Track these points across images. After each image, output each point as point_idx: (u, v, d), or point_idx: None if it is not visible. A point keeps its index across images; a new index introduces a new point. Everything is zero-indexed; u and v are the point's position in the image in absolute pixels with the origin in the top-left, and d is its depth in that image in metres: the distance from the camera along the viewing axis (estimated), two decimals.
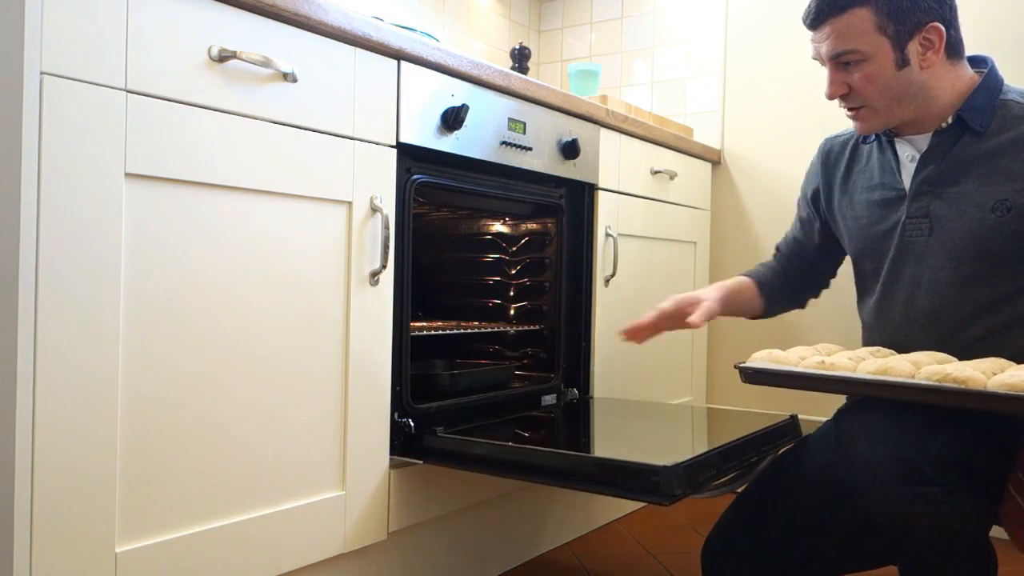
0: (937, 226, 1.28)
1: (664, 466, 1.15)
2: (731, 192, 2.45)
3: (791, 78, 2.31)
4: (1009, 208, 1.21)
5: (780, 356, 1.27)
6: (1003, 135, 1.25)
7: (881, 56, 1.24)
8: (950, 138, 1.29)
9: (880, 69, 1.25)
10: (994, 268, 1.23)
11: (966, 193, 1.26)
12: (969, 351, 1.21)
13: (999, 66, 1.34)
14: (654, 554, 1.84)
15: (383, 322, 1.35)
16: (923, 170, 1.31)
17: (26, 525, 0.93)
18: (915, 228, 1.30)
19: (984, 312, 1.24)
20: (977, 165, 1.26)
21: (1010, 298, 1.23)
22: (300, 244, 1.22)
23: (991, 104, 1.27)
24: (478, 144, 1.53)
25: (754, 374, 1.26)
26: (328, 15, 1.22)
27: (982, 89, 1.28)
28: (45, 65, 0.92)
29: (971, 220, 1.24)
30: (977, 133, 1.26)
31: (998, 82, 1.30)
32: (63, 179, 0.94)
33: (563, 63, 2.83)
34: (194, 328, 1.09)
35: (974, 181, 1.25)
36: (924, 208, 1.30)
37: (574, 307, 1.88)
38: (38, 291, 0.93)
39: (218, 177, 1.10)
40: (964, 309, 1.25)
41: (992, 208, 1.23)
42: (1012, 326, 1.23)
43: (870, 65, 1.25)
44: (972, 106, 1.27)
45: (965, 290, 1.25)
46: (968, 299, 1.25)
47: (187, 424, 1.09)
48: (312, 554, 1.25)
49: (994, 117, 1.26)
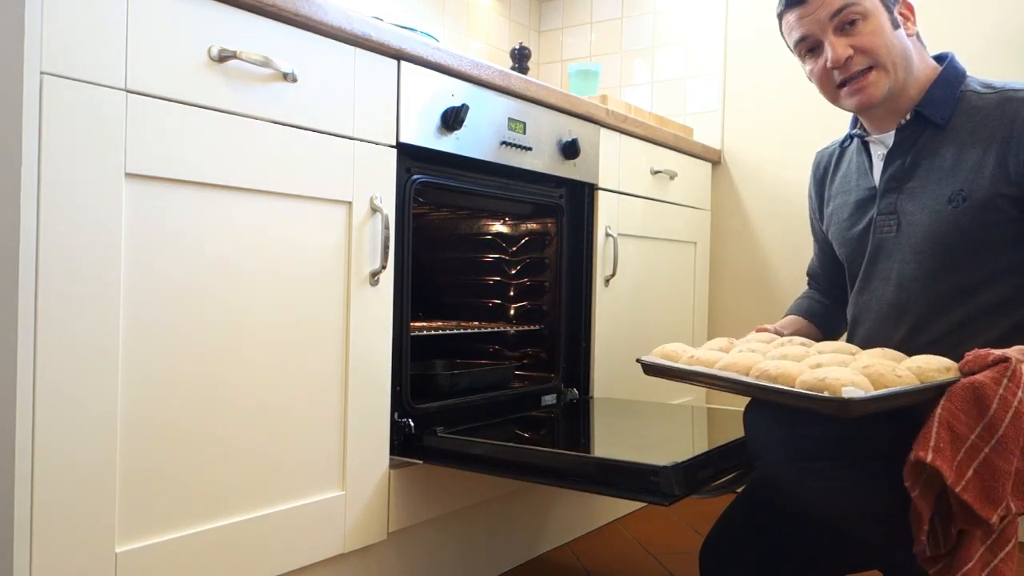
0: (904, 221, 1.28)
1: (663, 466, 1.15)
2: (731, 192, 2.45)
3: (791, 78, 2.31)
4: (964, 199, 1.21)
5: (670, 351, 1.29)
6: (962, 126, 1.25)
7: (879, 12, 1.25)
8: (913, 133, 1.29)
9: (881, 24, 1.24)
10: (956, 261, 1.22)
11: (926, 187, 1.25)
12: (938, 345, 1.20)
13: (997, 66, 1.34)
14: (654, 554, 1.84)
15: (383, 322, 1.35)
16: (889, 167, 1.31)
17: (26, 525, 0.93)
18: (884, 225, 1.30)
19: (950, 305, 1.23)
20: (937, 158, 1.26)
21: (974, 290, 1.22)
22: (300, 244, 1.22)
23: (951, 96, 1.27)
24: (478, 144, 1.53)
25: (646, 367, 1.28)
26: (328, 15, 1.22)
27: (941, 82, 1.28)
28: (45, 65, 0.92)
29: (931, 213, 1.24)
30: (938, 126, 1.26)
31: (958, 74, 1.29)
32: (63, 179, 0.94)
33: (563, 63, 2.83)
34: (194, 328, 1.09)
35: (934, 174, 1.25)
36: (892, 204, 1.30)
37: (574, 307, 1.88)
38: (38, 291, 0.93)
39: (218, 177, 1.10)
40: (930, 303, 1.25)
41: (949, 200, 1.22)
42: (980, 317, 1.22)
43: (872, 20, 1.24)
44: (930, 99, 1.27)
45: (929, 284, 1.25)
46: (933, 293, 1.24)
47: (187, 424, 1.09)
48: (312, 554, 1.25)
49: (956, 109, 1.26)
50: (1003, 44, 2.02)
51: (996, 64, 2.00)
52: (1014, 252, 1.20)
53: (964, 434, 0.98)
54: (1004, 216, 1.19)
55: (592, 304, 1.89)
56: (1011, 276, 1.21)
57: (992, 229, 1.20)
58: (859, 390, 0.97)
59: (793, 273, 2.28)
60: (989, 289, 1.21)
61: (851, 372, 1.01)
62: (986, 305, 1.21)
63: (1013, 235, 1.20)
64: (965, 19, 2.07)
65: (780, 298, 2.34)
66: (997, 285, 1.21)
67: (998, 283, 1.21)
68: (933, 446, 0.97)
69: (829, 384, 0.99)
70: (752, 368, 1.11)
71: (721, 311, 2.44)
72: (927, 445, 0.98)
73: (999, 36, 2.03)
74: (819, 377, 1.00)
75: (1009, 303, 1.21)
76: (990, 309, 1.21)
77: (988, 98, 1.24)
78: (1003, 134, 1.20)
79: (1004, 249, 1.20)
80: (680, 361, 1.24)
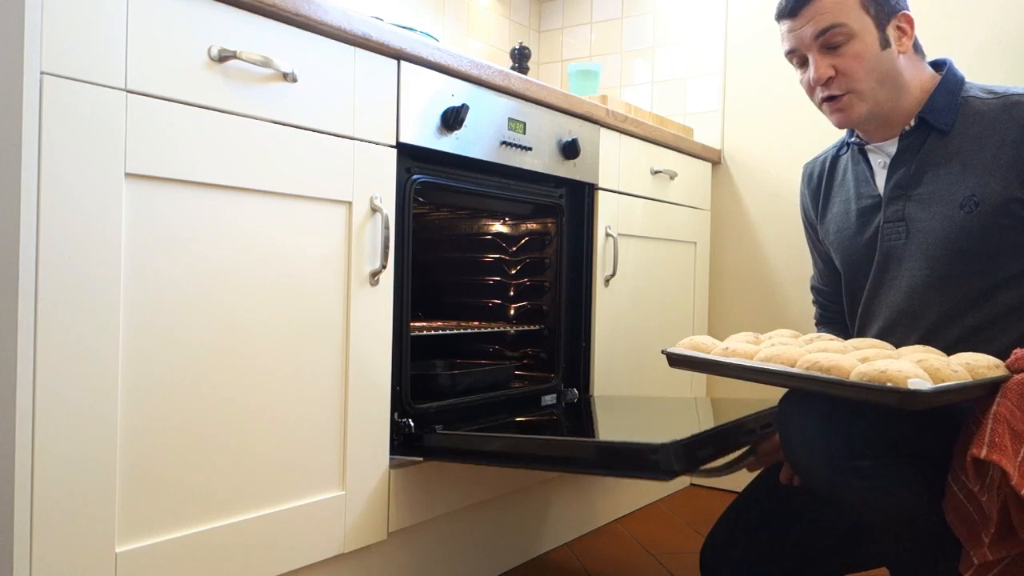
0: (913, 228, 1.27)
1: (662, 443, 1.15)
2: (731, 192, 2.45)
3: (792, 78, 2.30)
4: (977, 204, 1.21)
5: (699, 343, 1.26)
6: (967, 132, 1.25)
7: (867, 34, 1.24)
8: (917, 140, 1.29)
9: (866, 47, 1.24)
10: (968, 266, 1.22)
11: (936, 193, 1.25)
12: (953, 350, 1.19)
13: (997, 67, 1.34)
14: (654, 554, 1.84)
15: (383, 322, 1.35)
16: (894, 174, 1.30)
17: (26, 525, 0.93)
18: (892, 232, 1.30)
19: (964, 311, 1.23)
20: (945, 164, 1.26)
21: (988, 295, 1.22)
22: (300, 244, 1.22)
23: (953, 102, 1.27)
24: (478, 144, 1.53)
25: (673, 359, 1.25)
26: (328, 15, 1.22)
27: (942, 88, 1.28)
28: (45, 65, 0.92)
29: (942, 219, 1.24)
30: (943, 132, 1.26)
31: (958, 80, 1.30)
32: (63, 179, 0.94)
33: (563, 63, 2.83)
34: (194, 328, 1.09)
35: (943, 180, 1.25)
36: (899, 212, 1.29)
37: (574, 307, 1.88)
38: (38, 291, 0.93)
39: (218, 177, 1.10)
40: (943, 309, 1.24)
41: (960, 205, 1.22)
42: (995, 323, 1.22)
43: (857, 43, 1.24)
44: (934, 106, 1.27)
45: (942, 290, 1.24)
46: (946, 299, 1.24)
47: (187, 424, 1.09)
48: (312, 554, 1.25)
49: (958, 115, 1.26)
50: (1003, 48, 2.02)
51: (995, 69, 2.00)
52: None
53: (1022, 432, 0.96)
54: (1017, 220, 1.19)
55: (592, 304, 1.89)
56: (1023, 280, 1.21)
57: (1005, 233, 1.20)
58: (925, 382, 0.94)
59: (793, 273, 2.28)
60: (1002, 294, 1.21)
61: (911, 364, 0.98)
62: (999, 310, 1.21)
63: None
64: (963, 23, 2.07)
65: (780, 298, 2.35)
66: (1010, 290, 1.21)
67: (1011, 288, 1.21)
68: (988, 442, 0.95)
69: (892, 375, 0.95)
70: (799, 360, 1.07)
71: (721, 311, 2.44)
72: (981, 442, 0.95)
73: (998, 41, 2.03)
74: (880, 368, 0.97)
75: (1022, 308, 1.21)
76: (1003, 314, 1.21)
77: (991, 103, 1.25)
78: (1013, 137, 1.20)
79: (1017, 253, 1.20)
80: (713, 352, 1.21)
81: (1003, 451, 0.94)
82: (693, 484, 2.43)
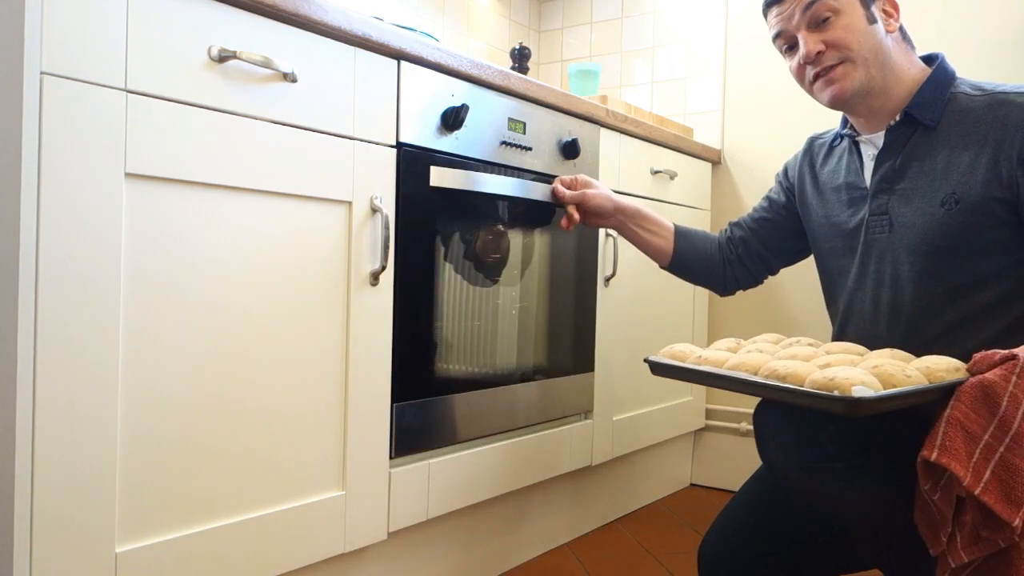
0: (896, 223, 1.28)
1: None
2: (731, 192, 2.45)
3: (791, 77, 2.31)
4: (957, 202, 1.21)
5: (678, 351, 1.28)
6: (952, 128, 1.24)
7: (852, 10, 1.25)
8: (903, 134, 1.28)
9: (854, 21, 1.24)
10: (948, 263, 1.22)
11: (918, 188, 1.25)
12: (932, 346, 1.20)
13: (997, 66, 1.34)
14: (654, 554, 1.84)
15: (383, 322, 1.35)
16: (880, 168, 1.31)
17: (26, 525, 0.93)
18: (876, 225, 1.30)
19: (943, 307, 1.23)
20: (929, 160, 1.25)
21: (967, 292, 1.22)
22: (300, 244, 1.22)
23: (940, 98, 1.27)
24: (478, 144, 1.53)
25: (654, 367, 1.28)
26: (328, 15, 1.22)
27: (931, 83, 1.28)
28: (45, 65, 0.92)
29: (923, 215, 1.24)
30: (928, 127, 1.26)
31: (948, 75, 1.29)
32: (63, 179, 0.94)
33: (563, 63, 2.83)
34: (194, 328, 1.09)
35: (926, 176, 1.25)
36: (883, 205, 1.30)
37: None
38: (38, 291, 0.93)
39: (218, 177, 1.10)
40: (923, 304, 1.25)
41: (941, 202, 1.22)
42: (974, 320, 1.22)
43: (844, 16, 1.24)
44: (920, 101, 1.27)
45: (922, 286, 1.25)
46: (926, 294, 1.24)
47: (187, 424, 1.09)
48: (312, 554, 1.25)
49: (945, 111, 1.26)
50: (1005, 49, 2.02)
51: (996, 69, 2.00)
52: (1006, 254, 1.20)
53: (978, 434, 0.97)
54: (996, 219, 1.19)
55: (592, 304, 1.89)
56: (1003, 278, 1.21)
57: (984, 232, 1.20)
58: (868, 389, 0.97)
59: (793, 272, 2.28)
60: (982, 291, 1.21)
61: (861, 371, 1.01)
62: (979, 307, 1.21)
63: (1005, 237, 1.20)
64: (965, 23, 2.07)
65: (780, 297, 2.35)
66: (990, 287, 1.21)
67: (990, 285, 1.21)
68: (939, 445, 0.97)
69: (839, 383, 0.98)
70: (761, 368, 1.11)
71: (721, 311, 2.44)
72: (933, 444, 0.98)
73: (999, 41, 2.03)
74: (828, 376, 1.00)
75: (1002, 305, 1.21)
76: (983, 311, 1.21)
77: (978, 100, 1.24)
78: (995, 137, 1.20)
79: (996, 251, 1.20)
80: (688, 361, 1.24)
81: (954, 454, 0.96)
82: (693, 484, 2.43)
